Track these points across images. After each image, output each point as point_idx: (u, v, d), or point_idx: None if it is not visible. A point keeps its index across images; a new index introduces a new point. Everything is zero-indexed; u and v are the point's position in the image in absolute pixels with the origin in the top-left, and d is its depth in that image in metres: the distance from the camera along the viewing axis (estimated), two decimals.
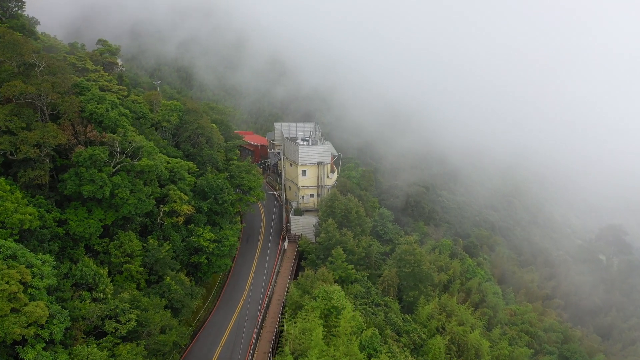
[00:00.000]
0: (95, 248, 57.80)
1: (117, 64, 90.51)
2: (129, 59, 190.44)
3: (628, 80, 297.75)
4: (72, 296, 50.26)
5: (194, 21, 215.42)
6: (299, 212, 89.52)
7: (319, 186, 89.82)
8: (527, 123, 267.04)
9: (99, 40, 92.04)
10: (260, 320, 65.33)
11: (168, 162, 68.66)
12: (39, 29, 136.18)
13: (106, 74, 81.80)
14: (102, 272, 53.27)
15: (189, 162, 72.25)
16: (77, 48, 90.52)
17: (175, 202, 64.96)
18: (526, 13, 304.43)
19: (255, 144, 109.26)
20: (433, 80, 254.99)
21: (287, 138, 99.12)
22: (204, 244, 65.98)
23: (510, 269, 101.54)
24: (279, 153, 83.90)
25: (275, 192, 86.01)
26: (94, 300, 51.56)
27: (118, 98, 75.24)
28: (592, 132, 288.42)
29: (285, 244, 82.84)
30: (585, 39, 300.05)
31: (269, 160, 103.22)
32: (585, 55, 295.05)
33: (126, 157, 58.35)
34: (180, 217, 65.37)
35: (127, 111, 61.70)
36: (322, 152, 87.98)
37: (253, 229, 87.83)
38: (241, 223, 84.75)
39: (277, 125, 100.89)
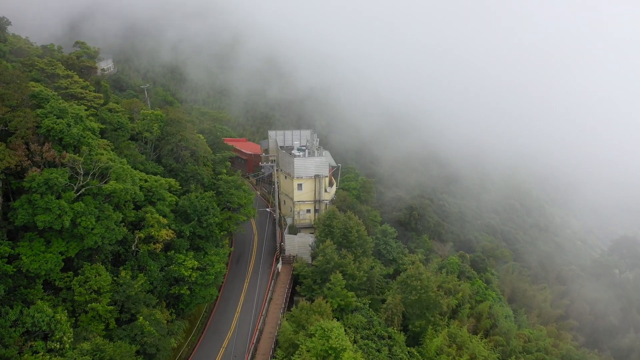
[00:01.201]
0: (56, 284, 49.16)
1: (96, 68, 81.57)
2: (122, 61, 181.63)
3: None
4: (21, 349, 41.63)
5: (189, 21, 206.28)
6: (295, 229, 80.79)
7: (316, 201, 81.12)
8: (529, 124, 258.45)
9: (77, 42, 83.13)
10: (248, 359, 56.74)
11: (146, 181, 59.93)
12: (23, 32, 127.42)
13: (81, 79, 72.95)
14: (59, 316, 44.53)
15: (171, 179, 63.48)
16: (52, 51, 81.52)
17: (152, 226, 56.24)
18: (531, 8, 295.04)
19: (248, 152, 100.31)
20: (433, 80, 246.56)
21: (281, 147, 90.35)
22: (185, 273, 57.24)
23: (521, 287, 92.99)
24: (272, 165, 75.23)
25: (268, 209, 77.38)
26: (49, 351, 42.96)
27: (93, 107, 66.62)
28: (595, 134, 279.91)
29: (279, 265, 74.17)
30: (596, 36, 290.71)
31: (262, 171, 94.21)
32: (597, 52, 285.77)
33: (92, 179, 49.57)
34: (158, 244, 56.63)
35: (95, 125, 52.85)
36: (320, 164, 79.17)
37: (244, 248, 79.11)
38: (231, 243, 76.15)
39: (271, 133, 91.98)
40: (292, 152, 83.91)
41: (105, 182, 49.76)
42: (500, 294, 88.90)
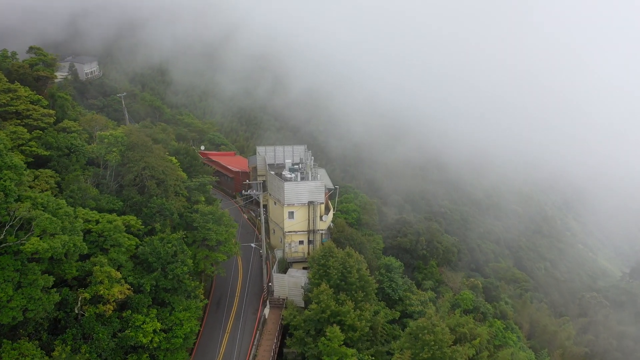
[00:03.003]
0: None
1: (54, 77, 68.06)
2: (109, 63, 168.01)
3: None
4: None
5: (181, 22, 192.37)
6: (285, 264, 67.82)
7: (310, 231, 68.02)
8: (532, 127, 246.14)
9: (31, 48, 69.42)
10: None
11: (97, 222, 46.79)
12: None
13: (33, 92, 59.63)
14: None
15: (130, 217, 50.31)
16: (4, 57, 67.86)
17: (101, 283, 43.19)
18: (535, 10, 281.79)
19: (235, 170, 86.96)
20: (432, 84, 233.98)
21: (271, 165, 77.22)
22: (144, 340, 44.29)
23: (541, 321, 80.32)
24: (257, 193, 62.08)
25: (253, 245, 64.31)
26: None
27: (39, 127, 53.37)
28: (598, 137, 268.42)
29: (266, 311, 61.08)
30: (603, 38, 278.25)
31: (250, 191, 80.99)
32: (606, 57, 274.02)
33: (12, 233, 36.51)
34: (108, 305, 43.55)
35: (18, 160, 39.58)
36: (314, 189, 66.05)
37: (226, 287, 65.86)
38: (210, 286, 63.09)
39: (260, 149, 78.82)
40: (283, 173, 70.78)
41: (29, 236, 36.66)
42: (519, 330, 76.00)
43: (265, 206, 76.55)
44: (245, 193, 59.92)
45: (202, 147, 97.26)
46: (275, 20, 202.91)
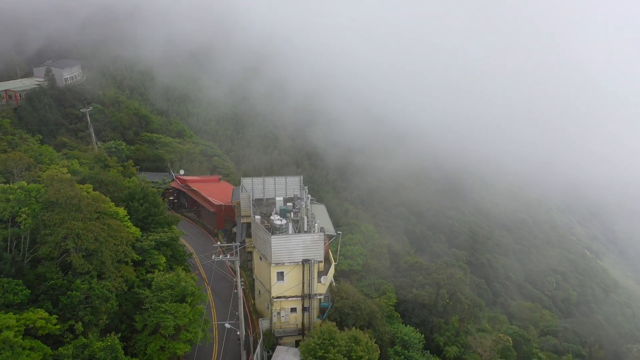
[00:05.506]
0: None
1: None
2: (95, 67, 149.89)
3: None
4: None
5: (174, 23, 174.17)
6: (273, 339, 50.39)
7: (306, 296, 50.47)
8: (539, 132, 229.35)
9: None
10: None
11: None
12: None
13: None
14: None
15: (40, 312, 32.72)
16: None
17: None
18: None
19: (217, 202, 69.07)
20: (436, 89, 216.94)
21: (258, 201, 59.83)
22: None
23: None
24: (233, 258, 44.63)
25: (227, 324, 46.63)
26: None
27: None
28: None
29: None
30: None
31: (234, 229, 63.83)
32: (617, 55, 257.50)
33: None
34: None
35: None
36: (311, 244, 48.34)
37: None
38: None
39: (245, 182, 61.18)
40: (271, 217, 53.13)
41: None
42: None
43: (250, 252, 59.51)
44: (216, 257, 42.44)
45: (182, 172, 79.97)
46: (270, 23, 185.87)
